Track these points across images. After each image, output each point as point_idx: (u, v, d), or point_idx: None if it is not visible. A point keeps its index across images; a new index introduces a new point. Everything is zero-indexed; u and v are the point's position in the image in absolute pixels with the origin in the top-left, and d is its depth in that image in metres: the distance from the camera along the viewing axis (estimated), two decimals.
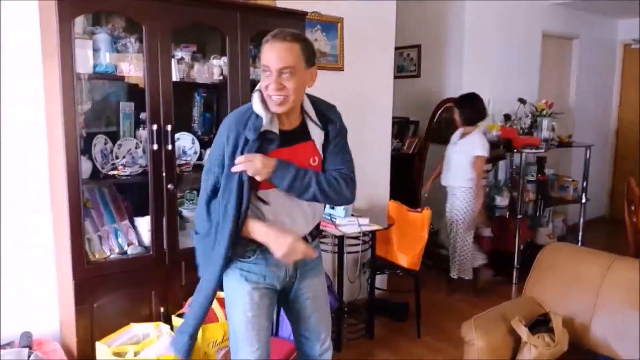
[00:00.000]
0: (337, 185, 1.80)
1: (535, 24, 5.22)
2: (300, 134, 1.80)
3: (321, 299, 2.01)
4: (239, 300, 1.84)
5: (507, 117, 4.78)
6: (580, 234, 4.98)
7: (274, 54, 1.66)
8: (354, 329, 3.34)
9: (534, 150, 4.39)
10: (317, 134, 1.82)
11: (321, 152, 1.83)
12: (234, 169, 1.69)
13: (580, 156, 5.18)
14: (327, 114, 1.84)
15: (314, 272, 1.97)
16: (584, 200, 4.91)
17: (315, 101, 1.85)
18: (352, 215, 3.10)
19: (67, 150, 2.17)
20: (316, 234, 1.99)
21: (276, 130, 1.75)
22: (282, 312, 2.64)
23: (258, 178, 1.69)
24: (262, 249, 1.80)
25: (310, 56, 1.73)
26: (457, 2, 4.59)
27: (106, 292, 2.34)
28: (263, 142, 1.72)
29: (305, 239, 1.86)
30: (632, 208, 3.47)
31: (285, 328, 2.64)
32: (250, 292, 1.83)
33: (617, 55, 6.39)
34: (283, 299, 1.99)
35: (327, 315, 2.05)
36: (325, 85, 3.45)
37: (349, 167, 1.87)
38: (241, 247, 1.80)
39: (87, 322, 2.29)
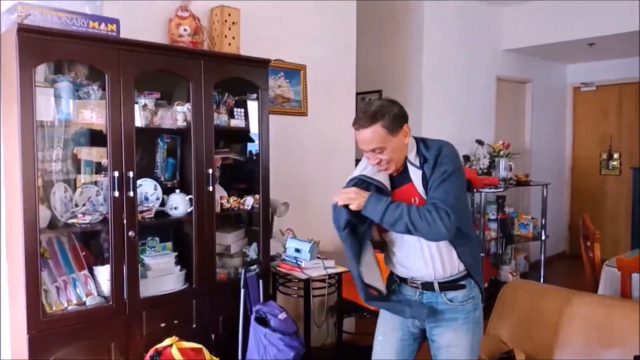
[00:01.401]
0: (430, 217, 1.76)
1: (489, 70, 5.48)
2: (403, 177, 1.92)
3: (457, 355, 1.94)
4: (380, 323, 2.09)
5: (466, 158, 4.94)
6: (542, 270, 5.10)
7: (362, 139, 1.86)
8: None
9: (493, 190, 4.52)
10: (415, 174, 1.89)
11: (423, 191, 1.87)
12: (337, 202, 1.87)
13: (538, 194, 5.36)
14: (423, 153, 1.90)
15: (450, 324, 1.93)
16: (543, 237, 5.05)
17: (419, 142, 1.93)
18: (318, 257, 3.09)
19: (24, 199, 2.12)
20: (450, 287, 1.92)
21: (383, 180, 1.91)
22: (247, 359, 2.59)
23: (352, 207, 1.82)
24: (399, 280, 2.00)
25: (395, 124, 1.84)
26: (416, 50, 4.79)
27: (63, 345, 2.25)
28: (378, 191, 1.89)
29: (430, 286, 1.92)
30: (588, 244, 3.59)
31: None
32: (384, 317, 2.06)
33: (568, 97, 6.74)
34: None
35: None
36: (290, 130, 3.53)
37: (449, 201, 1.78)
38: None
39: None
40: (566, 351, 2.35)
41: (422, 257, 1.90)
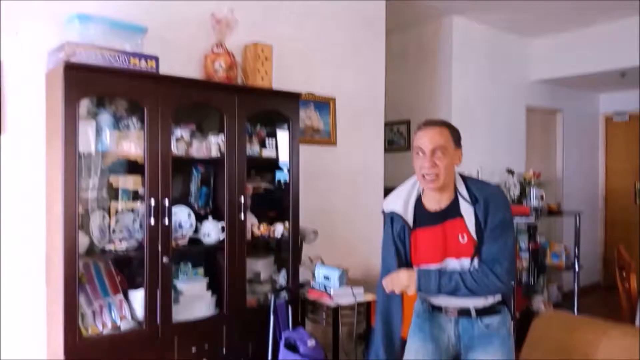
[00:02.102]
0: (487, 281, 1.83)
1: (519, 99, 5.46)
2: (452, 211, 1.90)
3: None
4: (410, 354, 2.02)
5: None
6: (576, 300, 4.96)
7: (428, 137, 1.86)
8: None
9: (524, 220, 4.47)
10: (467, 211, 1.88)
11: (474, 230, 1.85)
12: (387, 290, 1.91)
13: (570, 224, 5.26)
14: (474, 191, 1.89)
15: (486, 349, 1.92)
16: (577, 268, 4.94)
17: (466, 179, 1.96)
18: (347, 285, 3.10)
19: (65, 226, 2.22)
20: (487, 312, 1.92)
21: (409, 218, 1.94)
22: None
23: (409, 292, 1.87)
24: (432, 308, 1.98)
25: (457, 139, 1.91)
26: (444, 80, 4.83)
27: None
28: (415, 220, 1.94)
29: (467, 312, 1.92)
30: (624, 274, 3.50)
31: None
32: (416, 346, 2.00)
33: (600, 126, 6.65)
34: None
35: None
36: (319, 159, 3.60)
37: (506, 256, 1.84)
38: (418, 303, 2.04)
39: None
40: None
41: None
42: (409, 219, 1.95)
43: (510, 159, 5.20)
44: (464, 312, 1.93)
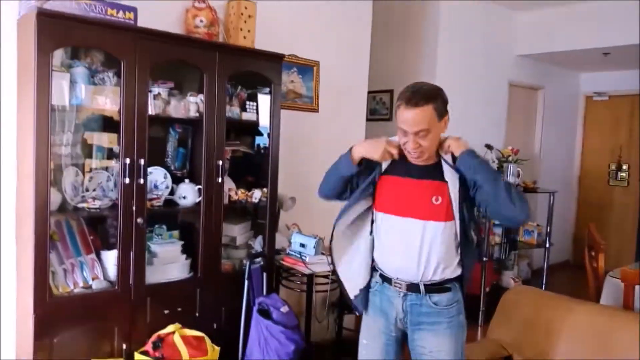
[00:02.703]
0: (523, 197, 1.80)
1: (502, 74, 5.46)
2: (432, 174, 1.86)
3: None
4: (363, 327, 2.05)
5: None
6: (544, 277, 5.09)
7: (409, 120, 1.77)
8: None
9: None
10: (452, 176, 1.84)
11: (456, 197, 1.82)
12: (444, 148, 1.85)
13: (544, 201, 5.35)
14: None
15: (434, 328, 1.88)
16: (547, 245, 5.04)
17: None
18: (322, 253, 3.11)
19: (37, 182, 2.15)
20: (436, 289, 1.88)
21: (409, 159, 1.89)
22: (247, 351, 2.62)
23: (460, 146, 1.82)
24: (382, 280, 1.94)
25: (443, 109, 1.82)
26: (429, 51, 4.78)
27: (67, 327, 2.28)
28: (394, 168, 1.92)
29: (415, 288, 1.87)
30: (593, 254, 3.58)
31: None
32: (366, 320, 2.03)
33: (580, 106, 6.71)
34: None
35: None
36: (300, 125, 3.54)
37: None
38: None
39: (45, 357, 2.22)
40: (566, 359, 2.35)
41: (418, 258, 1.84)
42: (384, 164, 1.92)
43: (490, 135, 5.21)
44: (412, 288, 1.87)
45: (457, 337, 1.91)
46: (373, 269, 1.99)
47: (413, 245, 1.85)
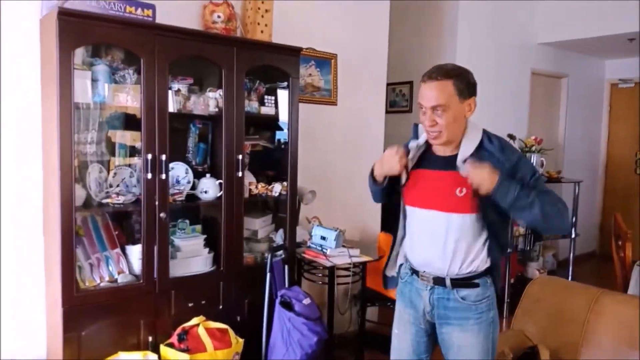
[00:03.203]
0: (562, 207, 1.72)
1: (524, 63, 5.37)
2: (453, 163, 1.80)
3: (469, 356, 1.84)
4: (395, 316, 2.05)
5: None
6: (571, 268, 5.01)
7: (427, 93, 1.75)
8: None
9: None
10: (461, 162, 1.78)
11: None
12: (462, 174, 1.74)
13: (569, 191, 5.25)
14: (488, 147, 1.79)
15: (462, 323, 1.83)
16: (573, 236, 4.96)
17: (488, 137, 1.82)
18: (343, 246, 3.11)
19: (61, 178, 2.20)
20: (463, 284, 1.83)
21: (435, 151, 1.87)
22: (271, 343, 2.64)
23: (482, 190, 1.68)
24: (411, 272, 1.94)
25: (465, 89, 1.76)
26: (449, 41, 4.73)
27: (95, 320, 2.33)
28: (421, 161, 1.88)
29: (441, 281, 1.84)
30: (619, 243, 3.51)
31: (274, 359, 2.62)
32: (397, 310, 2.03)
33: (605, 93, 6.56)
34: None
35: None
36: (319, 118, 3.54)
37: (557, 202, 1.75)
38: (403, 266, 2.01)
39: (74, 350, 2.28)
40: (592, 350, 2.31)
41: (443, 251, 1.81)
42: (411, 157, 1.88)
43: (513, 124, 5.14)
44: (439, 281, 1.84)
45: (486, 334, 1.85)
46: (407, 260, 2.00)
47: (438, 238, 1.82)
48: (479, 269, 1.83)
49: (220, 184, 2.68)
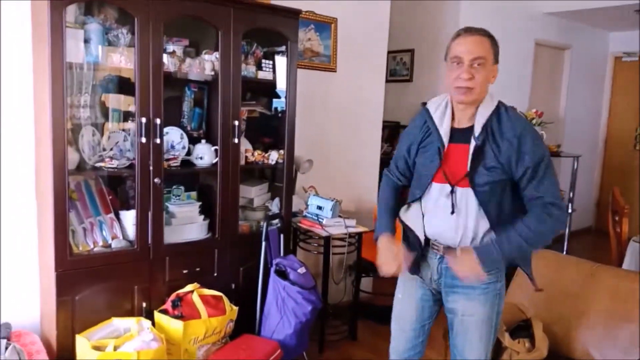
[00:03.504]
0: (547, 227, 1.73)
1: (528, 33, 5.26)
2: (467, 135, 1.76)
3: (471, 325, 1.85)
4: (399, 281, 2.02)
5: None
6: (566, 243, 5.02)
7: (467, 46, 1.71)
8: (337, 331, 3.34)
9: None
10: (476, 133, 1.74)
11: (470, 163, 1.73)
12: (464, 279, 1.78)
13: (568, 166, 5.24)
14: (504, 120, 1.74)
15: (467, 292, 1.83)
16: (570, 211, 4.96)
17: (501, 106, 1.78)
18: (339, 216, 3.09)
19: (54, 140, 2.15)
20: None
21: (444, 135, 1.79)
22: (265, 311, 2.64)
23: (471, 280, 1.77)
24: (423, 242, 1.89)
25: (497, 53, 1.76)
26: (452, 9, 4.61)
27: (88, 285, 2.32)
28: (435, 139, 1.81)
29: (452, 251, 1.81)
30: (616, 218, 3.50)
31: (268, 327, 2.63)
32: (403, 276, 1.98)
33: (608, 67, 6.47)
34: None
35: (478, 347, 1.86)
36: (318, 85, 3.47)
37: (557, 194, 1.74)
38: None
39: (67, 314, 2.27)
40: (585, 323, 2.32)
41: (455, 224, 1.78)
42: (444, 129, 1.80)
43: (514, 96, 5.06)
44: (449, 251, 1.82)
45: (492, 304, 1.84)
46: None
47: (448, 210, 1.79)
48: (486, 237, 1.81)
49: (215, 150, 2.63)
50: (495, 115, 1.75)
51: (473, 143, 1.74)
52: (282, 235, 2.86)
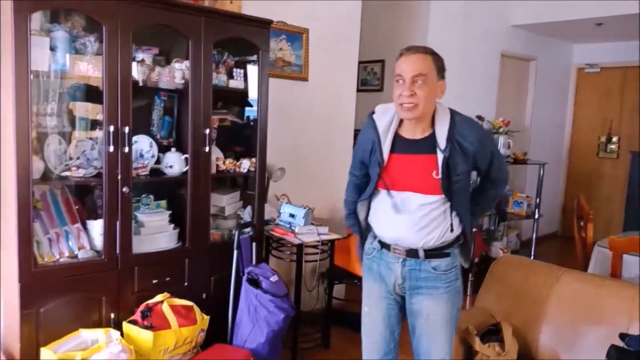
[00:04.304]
0: (492, 198, 2.10)
1: (495, 45, 5.40)
2: (427, 146, 1.83)
3: (437, 324, 1.92)
4: (364, 294, 2.05)
5: None
6: (533, 248, 5.13)
7: (408, 63, 1.78)
8: (310, 339, 3.33)
9: None
10: (441, 146, 1.81)
11: (441, 171, 1.80)
12: None
13: (534, 173, 5.37)
14: (462, 129, 1.83)
15: (432, 292, 1.89)
16: (536, 216, 5.07)
17: (457, 116, 1.86)
18: (312, 223, 3.10)
19: (18, 149, 2.10)
20: (435, 254, 1.89)
21: (385, 150, 1.87)
22: (237, 319, 2.62)
23: None
24: (380, 247, 1.96)
25: (441, 69, 1.82)
26: (421, 20, 4.70)
27: (54, 296, 2.26)
28: (395, 146, 1.88)
29: (414, 253, 1.88)
30: (582, 224, 3.60)
31: (240, 336, 2.61)
32: (366, 287, 2.04)
33: (572, 78, 6.68)
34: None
35: (443, 346, 1.93)
36: (289, 94, 3.49)
37: (505, 168, 2.04)
38: (368, 242, 2.03)
39: (32, 327, 2.20)
40: (553, 326, 2.38)
41: (417, 228, 1.85)
42: (386, 145, 1.87)
43: (481, 106, 5.18)
44: (412, 253, 1.89)
45: (453, 302, 1.94)
46: (372, 236, 2.02)
47: (412, 217, 1.85)
48: (448, 239, 1.90)
49: (186, 158, 2.61)
50: (452, 123, 1.83)
51: (441, 155, 1.80)
52: (254, 244, 2.84)
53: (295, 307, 2.90)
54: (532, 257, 5.01)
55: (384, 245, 1.95)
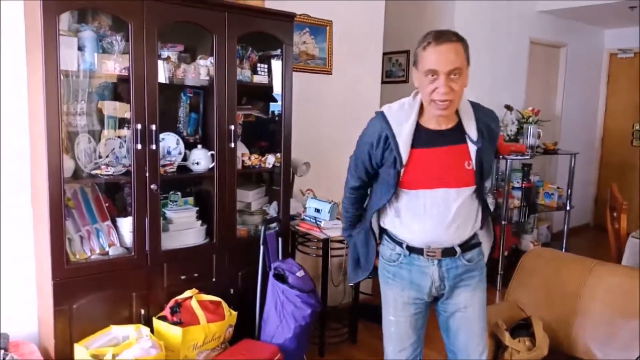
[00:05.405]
0: None
1: (523, 32, 5.26)
2: (457, 136, 1.74)
3: (474, 315, 1.88)
4: (387, 303, 1.95)
5: None
6: (565, 241, 5.02)
7: (442, 56, 1.59)
8: (337, 333, 3.33)
9: (519, 157, 4.42)
10: (473, 137, 1.73)
11: (474, 162, 1.73)
12: None
13: (565, 163, 5.23)
14: (484, 118, 1.79)
15: (469, 283, 1.86)
16: (568, 208, 4.95)
17: (474, 106, 1.81)
18: (337, 218, 3.09)
19: (49, 149, 2.14)
20: (469, 247, 1.83)
21: (403, 149, 1.72)
22: (264, 315, 2.63)
23: None
24: (409, 252, 1.83)
25: (469, 56, 1.67)
26: (446, 9, 4.61)
27: (86, 293, 2.31)
28: (417, 141, 1.73)
29: (451, 250, 1.80)
30: (615, 214, 3.50)
31: (267, 331, 2.62)
32: (392, 295, 1.92)
33: (604, 64, 6.47)
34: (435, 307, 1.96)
35: (481, 336, 1.90)
36: (313, 88, 3.47)
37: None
38: (387, 249, 1.89)
39: (65, 323, 2.26)
40: (585, 320, 2.32)
41: (452, 225, 1.75)
42: (403, 139, 1.72)
43: (510, 95, 5.07)
44: (448, 252, 1.80)
45: (483, 290, 1.92)
46: (394, 242, 1.87)
47: (448, 216, 1.75)
48: (477, 228, 1.86)
49: (212, 155, 2.63)
50: (475, 113, 1.78)
51: (473, 147, 1.74)
52: (280, 239, 2.85)
53: (322, 302, 2.90)
54: (563, 250, 4.91)
55: (413, 250, 1.83)
